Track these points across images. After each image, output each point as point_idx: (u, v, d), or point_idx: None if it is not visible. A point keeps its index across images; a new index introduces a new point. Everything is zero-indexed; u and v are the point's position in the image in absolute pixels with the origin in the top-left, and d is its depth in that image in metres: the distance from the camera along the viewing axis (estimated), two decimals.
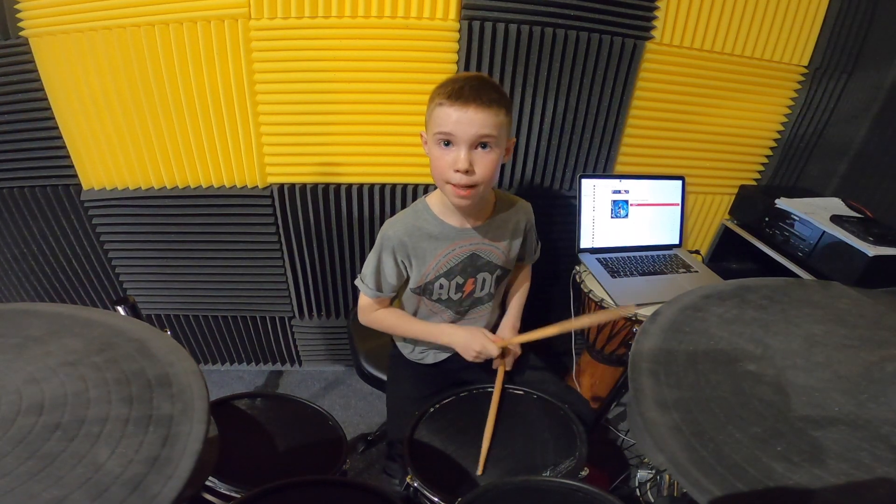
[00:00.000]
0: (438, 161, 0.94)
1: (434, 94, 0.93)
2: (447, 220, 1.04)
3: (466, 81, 0.90)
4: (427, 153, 0.98)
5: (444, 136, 0.91)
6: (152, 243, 1.54)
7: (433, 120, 0.92)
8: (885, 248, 1.24)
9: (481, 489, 0.74)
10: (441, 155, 0.93)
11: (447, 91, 0.89)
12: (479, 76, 0.93)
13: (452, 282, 1.08)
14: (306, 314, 1.75)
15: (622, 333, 1.44)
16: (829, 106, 1.61)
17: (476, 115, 0.88)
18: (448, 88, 0.89)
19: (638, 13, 1.34)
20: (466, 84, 0.89)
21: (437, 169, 0.95)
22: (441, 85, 0.92)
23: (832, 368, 0.64)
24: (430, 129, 0.94)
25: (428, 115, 0.95)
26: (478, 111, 0.88)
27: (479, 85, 0.89)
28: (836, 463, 0.51)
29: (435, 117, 0.91)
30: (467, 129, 0.89)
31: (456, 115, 0.88)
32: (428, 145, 0.97)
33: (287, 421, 1.05)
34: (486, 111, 0.88)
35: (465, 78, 0.91)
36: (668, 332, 0.72)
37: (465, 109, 0.88)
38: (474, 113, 0.88)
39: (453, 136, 0.90)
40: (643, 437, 0.56)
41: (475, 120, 0.88)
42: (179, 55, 1.25)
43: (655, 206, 1.58)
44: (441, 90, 0.91)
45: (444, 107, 0.89)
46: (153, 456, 0.50)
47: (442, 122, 0.90)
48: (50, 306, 0.73)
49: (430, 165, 0.98)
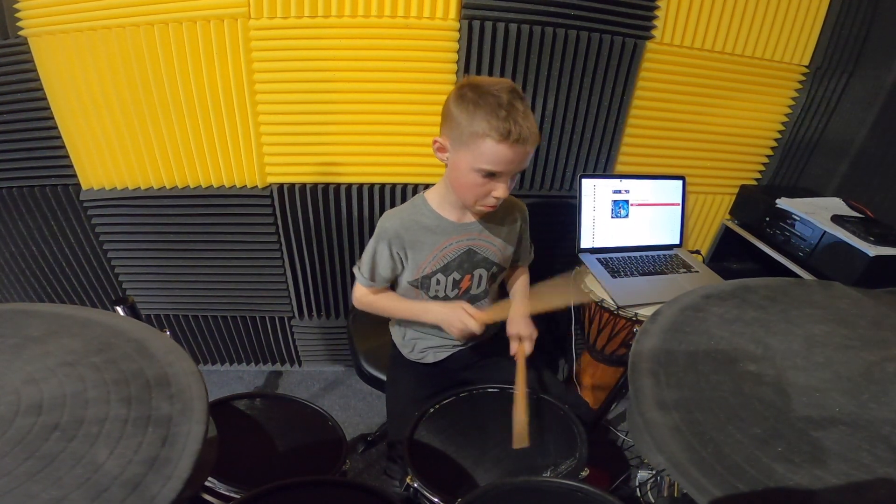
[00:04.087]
0: (477, 188, 0.93)
1: (472, 109, 0.87)
2: (445, 214, 1.05)
3: (511, 108, 0.86)
4: (443, 160, 0.97)
5: (491, 172, 0.90)
6: (151, 243, 1.54)
7: (478, 151, 0.88)
8: (885, 248, 1.24)
9: (481, 489, 0.74)
10: (481, 183, 0.92)
11: (498, 126, 0.85)
12: (514, 91, 0.88)
13: (449, 277, 1.08)
14: (306, 314, 1.75)
15: (622, 333, 1.44)
16: (830, 106, 1.61)
17: (525, 154, 0.90)
18: (498, 121, 0.85)
19: (638, 13, 1.34)
20: (511, 113, 0.85)
21: (470, 193, 0.95)
22: (478, 96, 0.87)
23: (833, 369, 0.64)
24: (468, 155, 0.90)
25: (465, 133, 0.89)
26: (527, 149, 0.89)
27: (524, 112, 0.87)
28: (837, 463, 0.51)
29: (482, 150, 0.87)
30: (518, 167, 0.91)
31: (510, 156, 0.88)
32: (458, 164, 0.93)
33: (287, 421, 1.05)
34: (533, 146, 0.90)
35: (508, 100, 0.86)
36: (669, 332, 0.72)
37: (519, 150, 0.88)
38: (525, 152, 0.89)
39: (503, 173, 0.91)
40: (643, 437, 0.56)
41: (525, 158, 0.90)
42: (179, 55, 1.25)
43: (656, 206, 1.58)
44: (488, 117, 0.85)
45: (496, 144, 0.86)
46: (152, 456, 0.50)
47: (492, 160, 0.88)
48: (49, 306, 0.73)
49: (450, 175, 0.97)
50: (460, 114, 0.89)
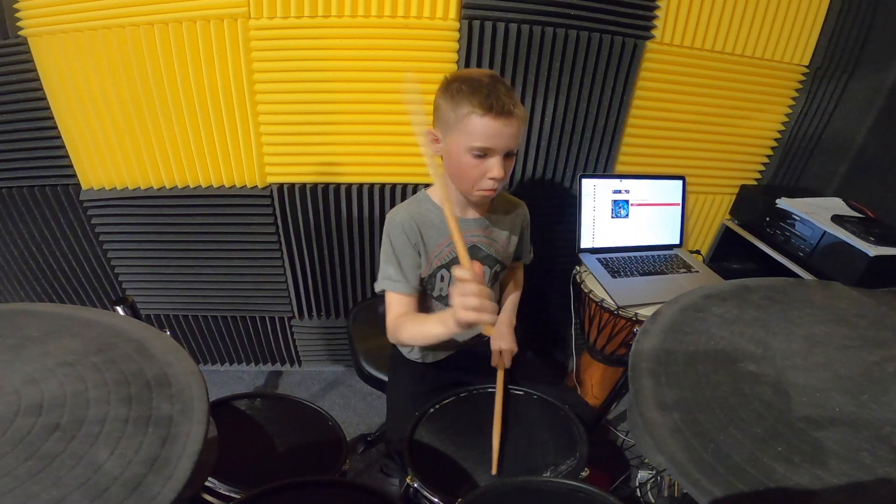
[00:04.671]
0: (471, 170, 0.94)
1: (456, 95, 0.89)
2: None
3: (492, 87, 0.88)
4: (438, 152, 0.97)
5: (481, 149, 0.90)
6: (151, 243, 1.54)
7: (466, 130, 0.90)
8: (885, 248, 1.24)
9: (481, 489, 0.74)
10: (475, 164, 0.93)
11: (481, 101, 0.87)
12: (494, 76, 0.91)
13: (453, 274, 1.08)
14: (306, 314, 1.75)
15: (622, 333, 1.44)
16: (830, 106, 1.61)
17: (512, 128, 0.90)
18: (480, 98, 0.87)
19: (638, 13, 1.34)
20: (493, 91, 0.87)
21: (467, 177, 0.95)
22: (461, 83, 0.89)
23: (833, 369, 0.64)
24: (458, 138, 0.91)
25: (451, 118, 0.91)
26: (512, 123, 0.89)
27: (507, 92, 0.89)
28: (837, 463, 0.51)
29: (469, 128, 0.89)
30: (506, 142, 0.91)
31: (496, 129, 0.88)
32: (450, 150, 0.94)
33: (287, 421, 1.05)
34: (519, 122, 0.90)
35: (489, 82, 0.89)
36: (669, 332, 0.72)
37: (504, 123, 0.88)
38: (511, 126, 0.89)
39: (492, 149, 0.91)
40: (643, 437, 0.56)
41: (512, 133, 0.91)
42: (179, 55, 1.25)
43: (656, 206, 1.58)
44: (470, 97, 0.88)
45: (481, 118, 0.87)
46: (152, 456, 0.50)
47: (480, 135, 0.89)
48: (48, 306, 0.73)
49: (446, 164, 0.97)
50: (446, 102, 0.92)
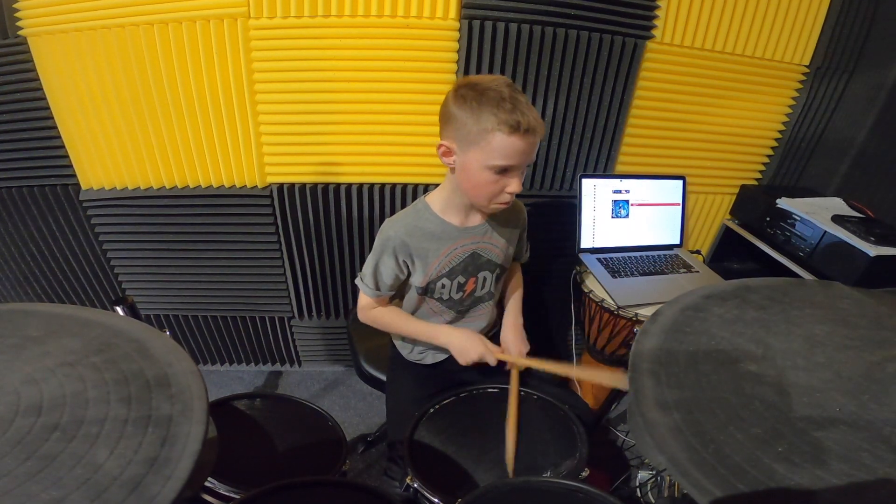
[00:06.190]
0: (489, 186, 0.93)
1: (477, 108, 0.86)
2: (448, 219, 1.04)
3: (514, 100, 0.86)
4: (450, 165, 0.96)
5: (504, 167, 0.90)
6: (151, 243, 1.54)
7: (489, 147, 0.87)
8: (886, 248, 1.24)
9: (481, 489, 0.74)
10: (494, 180, 0.92)
11: (507, 119, 0.85)
12: (511, 85, 0.89)
13: (454, 281, 1.08)
14: (306, 314, 1.75)
15: (623, 333, 1.44)
16: (831, 105, 1.60)
17: (535, 144, 0.90)
18: (505, 114, 0.85)
19: (638, 12, 1.34)
20: (516, 106, 0.85)
21: (484, 193, 0.94)
22: (479, 93, 0.86)
23: (833, 369, 0.64)
24: (479, 154, 0.89)
25: (472, 132, 0.88)
26: (536, 139, 0.89)
27: (528, 104, 0.88)
28: (838, 464, 0.51)
29: (494, 145, 0.87)
30: (529, 158, 0.91)
31: (522, 147, 0.88)
32: (467, 165, 0.92)
33: (286, 422, 1.05)
34: (541, 136, 0.90)
35: (509, 93, 0.86)
36: (669, 332, 0.72)
37: (530, 141, 0.88)
38: (535, 143, 0.90)
39: (515, 166, 0.91)
40: (643, 437, 0.56)
41: (534, 148, 0.91)
42: (179, 55, 1.25)
43: (656, 206, 1.58)
44: (496, 111, 0.85)
45: (508, 137, 0.86)
46: (152, 457, 0.50)
47: (504, 154, 0.87)
48: (48, 306, 0.73)
49: (460, 177, 0.95)
50: (464, 114, 0.88)
